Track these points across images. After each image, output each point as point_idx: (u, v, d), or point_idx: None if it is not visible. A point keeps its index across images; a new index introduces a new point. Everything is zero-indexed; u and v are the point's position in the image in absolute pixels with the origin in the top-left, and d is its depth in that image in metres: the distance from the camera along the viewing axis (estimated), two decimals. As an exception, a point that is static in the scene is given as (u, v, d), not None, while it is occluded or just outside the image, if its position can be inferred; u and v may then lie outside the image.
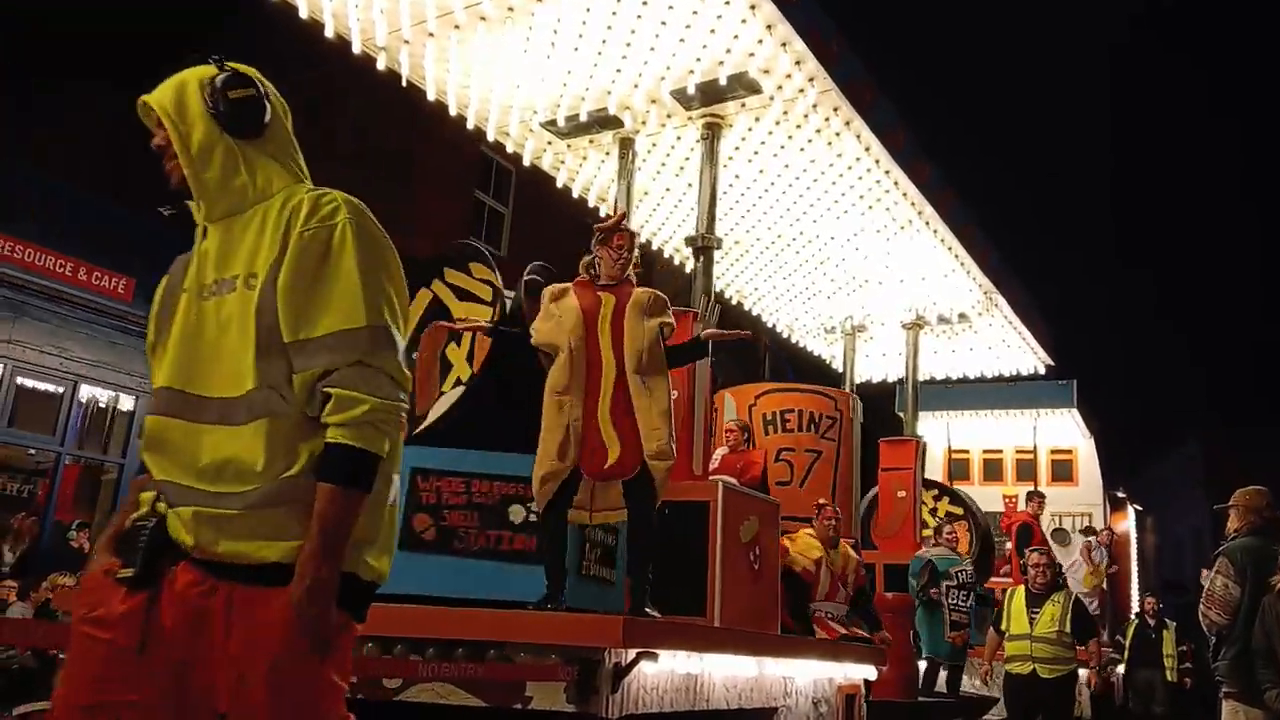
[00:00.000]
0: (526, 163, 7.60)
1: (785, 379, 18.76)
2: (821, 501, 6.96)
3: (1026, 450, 16.08)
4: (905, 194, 7.95)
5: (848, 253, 9.17)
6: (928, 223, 8.48)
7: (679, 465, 5.96)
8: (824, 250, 9.16)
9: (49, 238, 12.02)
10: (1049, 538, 14.50)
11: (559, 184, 7.93)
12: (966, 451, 17.08)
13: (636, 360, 4.19)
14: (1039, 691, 6.96)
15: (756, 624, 5.72)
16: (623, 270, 4.42)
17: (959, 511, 11.52)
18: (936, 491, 11.59)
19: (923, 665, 8.35)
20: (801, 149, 7.23)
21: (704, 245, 6.63)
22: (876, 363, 12.47)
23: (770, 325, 11.40)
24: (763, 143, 7.17)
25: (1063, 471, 16.70)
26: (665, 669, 3.62)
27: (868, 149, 7.20)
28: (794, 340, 11.85)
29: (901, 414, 15.99)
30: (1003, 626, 7.23)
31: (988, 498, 16.53)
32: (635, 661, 3.31)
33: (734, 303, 10.68)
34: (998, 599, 11.06)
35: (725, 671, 4.13)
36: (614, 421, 4.08)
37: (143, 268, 12.17)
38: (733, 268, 9.76)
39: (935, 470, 16.05)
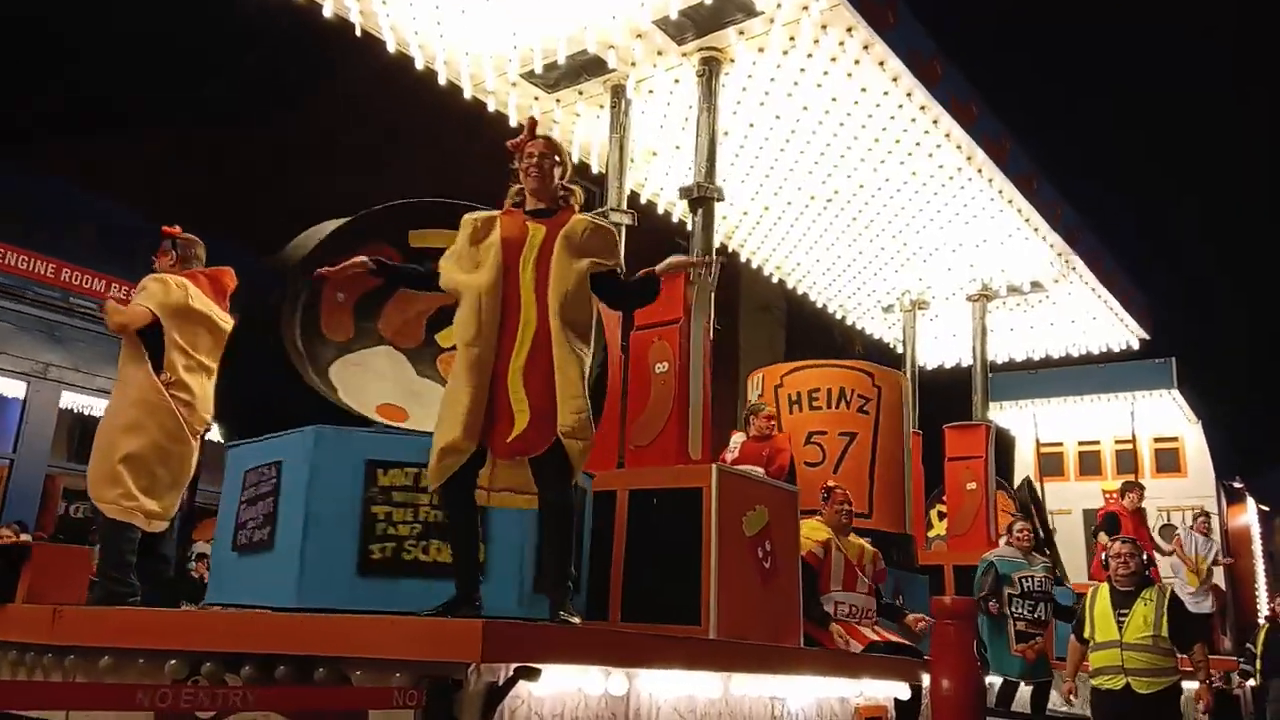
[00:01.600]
0: (514, 123, 6.81)
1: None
2: (832, 484, 5.97)
3: (1126, 440, 14.56)
4: (949, 135, 6.90)
5: (894, 213, 8.14)
6: (980, 170, 7.40)
7: (670, 450, 5.09)
8: (866, 211, 8.14)
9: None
10: (1156, 536, 13.05)
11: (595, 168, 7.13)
12: (1059, 445, 15.62)
13: (560, 306, 3.32)
14: (1135, 710, 5.79)
15: (770, 634, 4.78)
16: (544, 185, 3.56)
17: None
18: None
19: (996, 681, 7.22)
20: (818, 84, 6.27)
21: (702, 197, 5.74)
22: (946, 345, 11.29)
23: (821, 305, 10.37)
24: (772, 79, 6.24)
25: (1168, 462, 15.13)
26: (572, 689, 2.75)
27: (895, 80, 6.20)
28: (849, 321, 10.79)
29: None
30: (1085, 634, 6.08)
31: (1086, 494, 15.10)
32: (514, 680, 2.45)
33: (774, 280, 9.72)
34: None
35: (675, 692, 3.21)
36: (526, 383, 3.21)
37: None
38: (768, 239, 8.81)
39: (1025, 467, 14.68)
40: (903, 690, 4.78)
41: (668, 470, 4.93)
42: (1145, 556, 6.12)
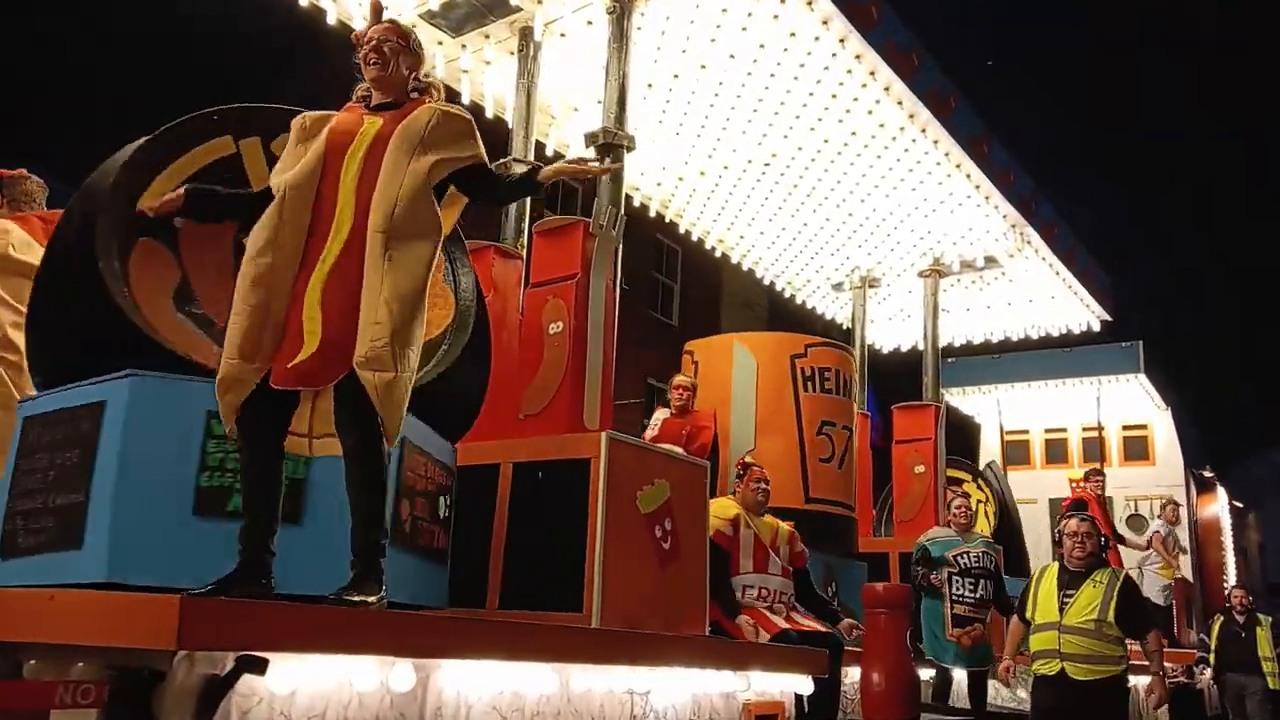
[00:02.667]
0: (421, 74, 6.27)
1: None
2: (748, 460, 5.50)
3: (1093, 427, 14.14)
4: (888, 89, 6.44)
5: (836, 178, 7.67)
6: (924, 130, 6.94)
7: (561, 418, 4.60)
8: (806, 177, 7.67)
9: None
10: (1124, 527, 12.66)
11: (465, 101, 6.61)
12: (1025, 432, 15.22)
13: (386, 213, 2.73)
14: (1072, 698, 5.34)
15: (668, 622, 4.29)
16: (386, 74, 2.98)
17: (983, 497, 9.86)
18: (965, 474, 9.90)
19: (926, 674, 6.77)
20: (743, 27, 5.79)
21: (610, 143, 5.24)
22: (902, 327, 10.85)
23: (769, 282, 9.91)
24: (692, 22, 5.76)
25: (1137, 449, 14.76)
26: (333, 684, 2.24)
27: (826, 23, 5.73)
28: (800, 300, 10.32)
29: (942, 390, 14.42)
30: (1028, 613, 5.62)
31: (1052, 483, 14.69)
32: (236, 673, 1.95)
33: (717, 254, 9.24)
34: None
35: (494, 688, 2.71)
36: (325, 301, 2.67)
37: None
38: (706, 209, 8.33)
39: (990, 456, 14.26)
40: (803, 684, 4.31)
41: (554, 440, 4.43)
42: (1104, 539, 5.65)
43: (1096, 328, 10.64)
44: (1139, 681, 7.13)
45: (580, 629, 3.15)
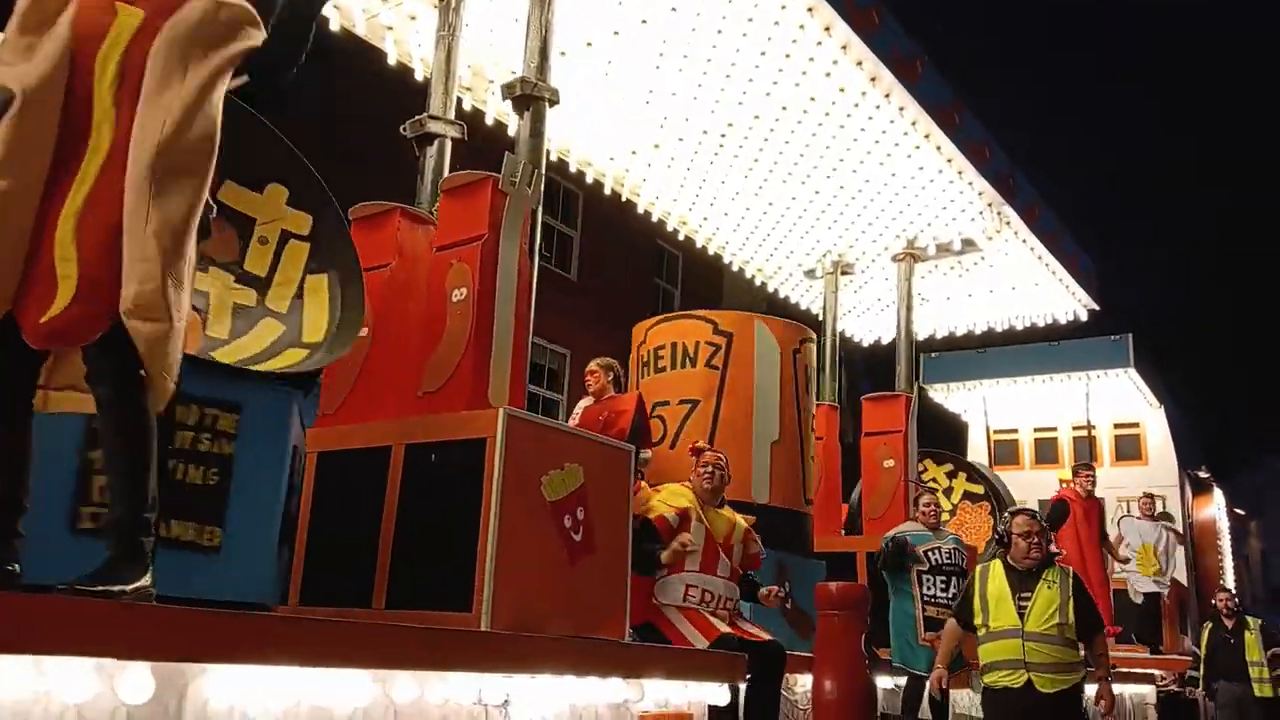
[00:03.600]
0: (335, 27, 5.80)
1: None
2: (700, 444, 5.00)
3: (1084, 426, 13.64)
4: (845, 47, 5.95)
5: (798, 151, 7.18)
6: (888, 96, 6.46)
7: (462, 394, 4.10)
8: (767, 149, 7.19)
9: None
10: (1117, 527, 12.09)
11: (391, 61, 6.12)
12: (1014, 431, 14.75)
13: (154, 130, 2.19)
14: (1037, 712, 4.82)
15: (579, 623, 3.80)
16: None
17: (979, 490, 9.33)
18: (951, 466, 9.39)
19: (889, 682, 6.26)
20: (682, -24, 5.31)
21: (528, 95, 4.75)
22: (880, 319, 10.36)
23: (737, 269, 9.42)
24: (625, -32, 5.28)
25: (1129, 448, 14.28)
26: (31, 694, 1.74)
27: (772, -31, 5.25)
28: (771, 288, 9.84)
29: (926, 386, 13.94)
30: (975, 620, 5.11)
31: (1042, 484, 14.16)
32: None
33: (681, 236, 8.75)
34: None
35: (287, 699, 2.21)
36: (79, 235, 2.17)
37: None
38: (665, 186, 7.84)
39: (978, 455, 13.75)
40: (716, 693, 3.80)
41: (449, 418, 3.93)
42: (1051, 537, 5.16)
43: (1084, 317, 10.14)
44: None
45: (402, 628, 2.65)
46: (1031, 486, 14.12)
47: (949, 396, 13.85)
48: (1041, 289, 9.60)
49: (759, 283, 9.71)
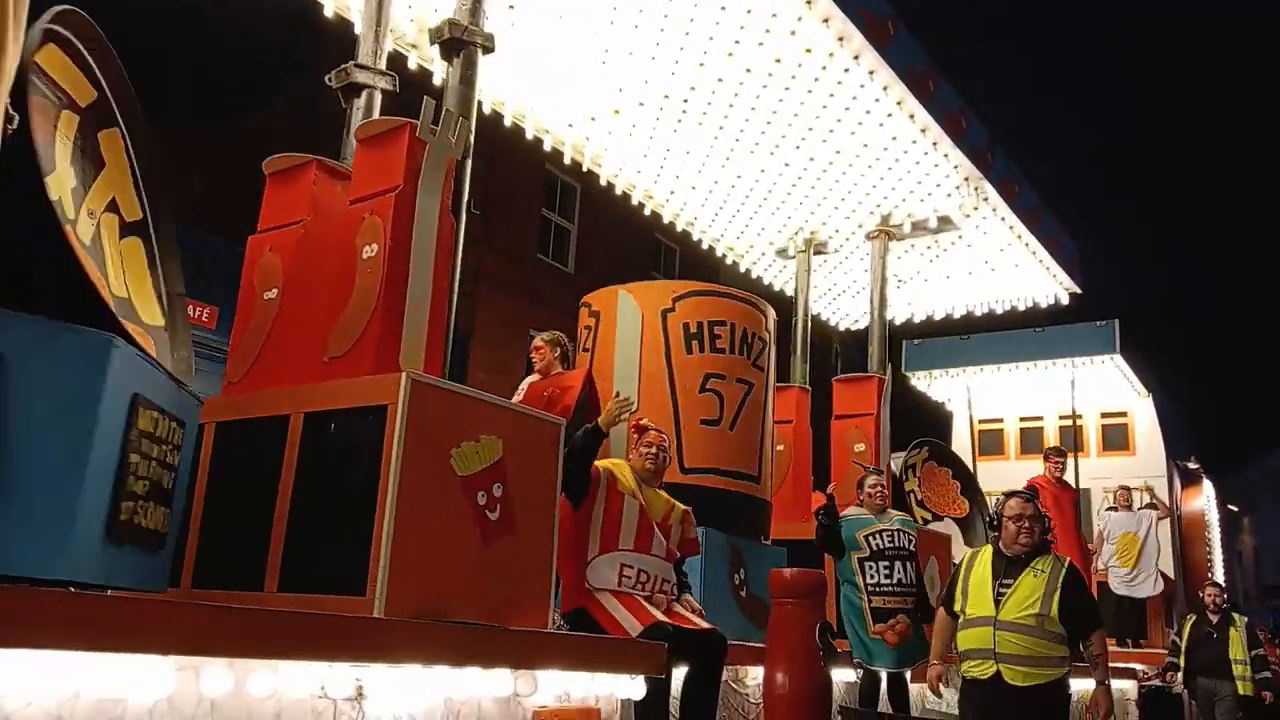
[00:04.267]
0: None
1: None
2: (645, 422, 4.66)
3: (1070, 415, 13.28)
4: (810, 3, 5.61)
5: (765, 118, 6.84)
6: (856, 58, 6.11)
7: (368, 359, 3.75)
8: (732, 116, 6.84)
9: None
10: (1098, 520, 11.78)
11: (328, 13, 5.75)
12: (999, 421, 14.41)
13: None
14: (1008, 705, 4.51)
15: (493, 612, 3.46)
16: None
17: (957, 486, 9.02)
18: (927, 453, 9.05)
19: (852, 675, 5.94)
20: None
21: (457, 40, 4.40)
22: (857, 302, 10.02)
23: (707, 247, 9.08)
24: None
25: (1116, 438, 13.95)
26: None
27: (726, -87, 4.90)
28: (743, 269, 9.49)
29: (908, 374, 13.61)
30: (956, 606, 4.81)
31: (1027, 475, 13.80)
32: None
33: (647, 211, 8.40)
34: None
35: (64, 689, 1.87)
36: None
37: (225, 297, 10.92)
38: (628, 156, 7.49)
39: (961, 447, 13.40)
40: (633, 687, 3.47)
41: (349, 384, 3.59)
42: (1048, 522, 4.81)
43: (1065, 300, 9.82)
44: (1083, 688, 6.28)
45: (210, 607, 2.31)
46: (1016, 477, 13.75)
47: (931, 384, 13.51)
48: (1022, 271, 9.28)
49: (730, 261, 9.37)
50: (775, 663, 4.94)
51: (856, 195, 7.89)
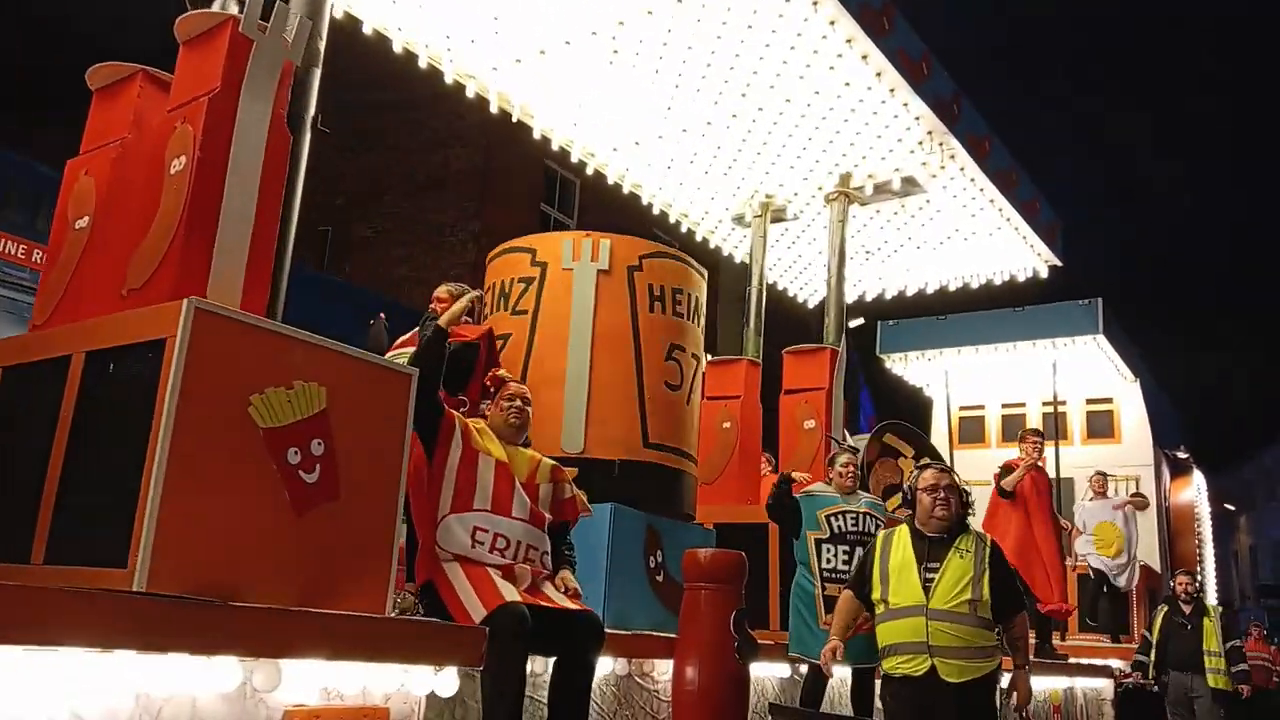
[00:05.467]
0: None
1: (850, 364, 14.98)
2: (503, 373, 4.06)
3: (1053, 401, 12.68)
4: (739, -83, 5.01)
5: (704, 60, 6.23)
6: (800, -13, 5.51)
7: (165, 286, 3.15)
8: (668, 58, 6.23)
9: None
10: (1078, 510, 11.15)
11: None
12: (979, 408, 13.82)
13: None
14: (943, 706, 3.92)
15: (308, 591, 2.88)
16: None
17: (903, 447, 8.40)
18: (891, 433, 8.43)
19: (787, 670, 5.35)
20: None
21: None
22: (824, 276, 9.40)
23: (659, 212, 8.47)
24: None
25: (1101, 425, 13.36)
26: None
27: None
28: (699, 237, 8.89)
29: (883, 356, 13.02)
30: (873, 594, 4.20)
31: (1009, 463, 13.25)
32: None
33: (589, 169, 7.79)
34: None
35: None
36: None
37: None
38: (562, 107, 6.88)
39: (940, 437, 12.81)
40: (434, 680, 2.87)
41: (130, 317, 3.00)
42: (966, 495, 4.22)
43: (1044, 273, 9.21)
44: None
45: None
46: (998, 466, 13.23)
47: (907, 367, 12.91)
48: (997, 241, 8.67)
49: (685, 229, 8.77)
50: (685, 655, 4.35)
51: (812, 153, 7.29)
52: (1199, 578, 9.08)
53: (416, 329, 4.83)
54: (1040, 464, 8.27)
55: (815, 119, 6.82)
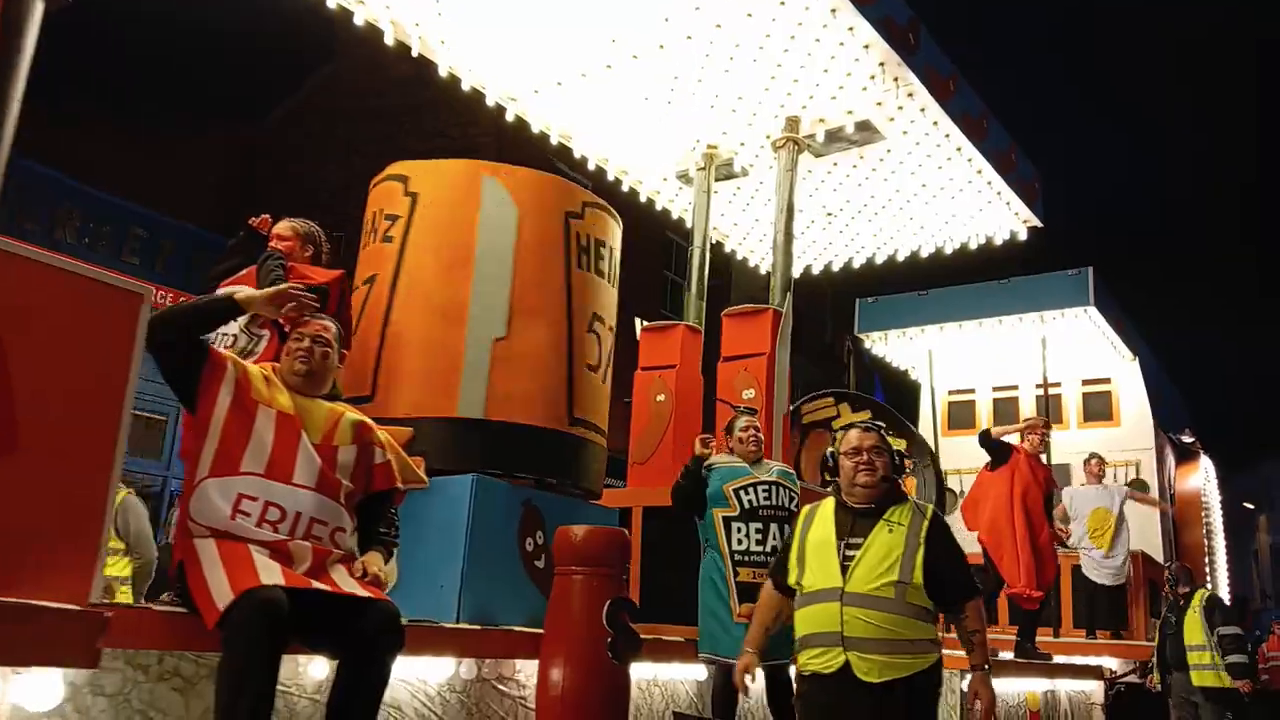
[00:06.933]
0: None
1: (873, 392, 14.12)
2: (291, 286, 3.29)
3: (1051, 384, 11.85)
4: None
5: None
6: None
7: None
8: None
9: (155, 272, 11.69)
10: (1066, 498, 10.28)
11: None
12: (969, 392, 12.98)
13: None
14: (860, 709, 3.16)
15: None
16: None
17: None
18: (831, 399, 7.60)
19: (700, 671, 4.59)
20: None
21: None
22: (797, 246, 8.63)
23: (594, 167, 7.71)
24: None
25: (1100, 408, 12.51)
26: None
27: None
28: (644, 197, 8.14)
29: (862, 336, 12.22)
30: (791, 577, 3.45)
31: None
32: None
33: (510, 116, 7.03)
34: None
35: None
36: None
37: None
38: (472, 43, 6.14)
39: (925, 426, 12.00)
40: (29, 690, 2.12)
41: None
42: (897, 457, 3.44)
43: (1023, 235, 8.38)
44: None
45: None
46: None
47: (888, 348, 12.08)
48: (970, 198, 7.86)
49: (627, 187, 8.00)
50: (551, 654, 3.61)
51: (753, 93, 6.52)
52: (1174, 569, 8.24)
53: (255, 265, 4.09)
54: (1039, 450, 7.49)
55: (751, 49, 6.06)
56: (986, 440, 7.45)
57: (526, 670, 3.76)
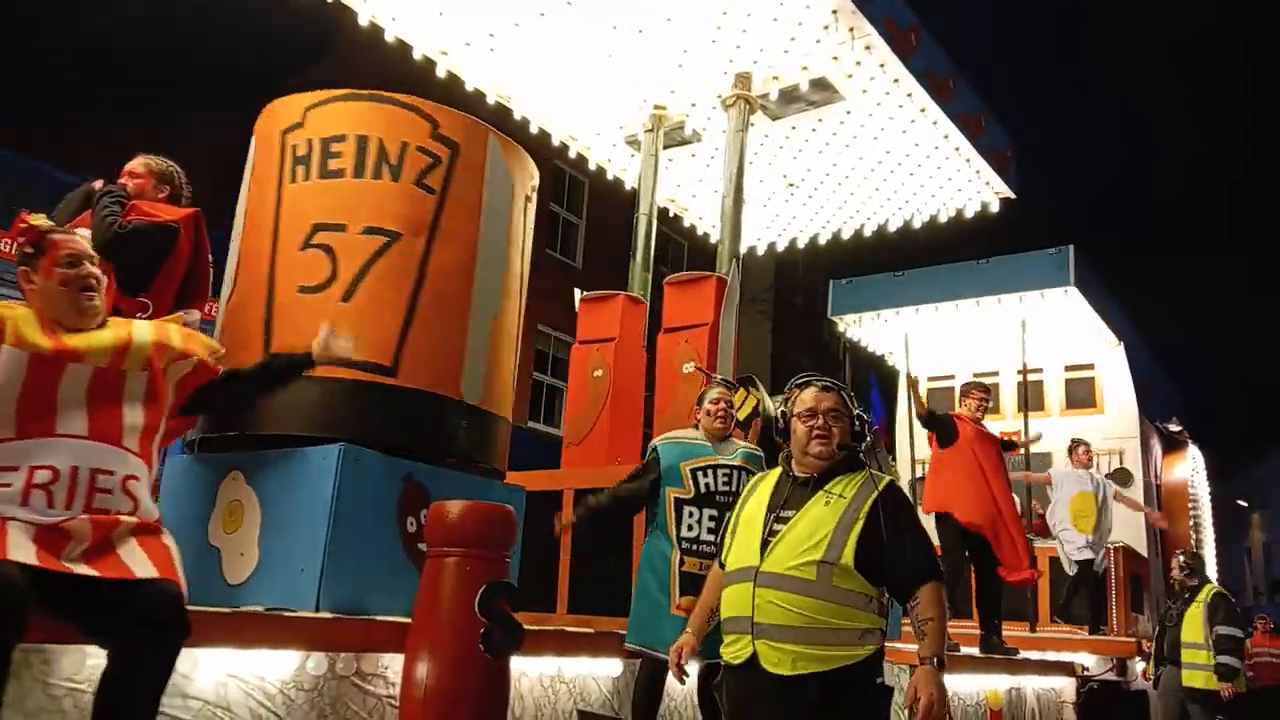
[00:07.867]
0: None
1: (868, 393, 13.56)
2: (35, 221, 2.74)
3: (1033, 370, 11.41)
4: None
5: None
6: None
7: None
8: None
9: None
10: (1052, 493, 9.79)
11: None
12: (949, 378, 12.52)
13: None
14: (770, 705, 2.70)
15: None
16: None
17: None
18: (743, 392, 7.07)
19: (617, 666, 4.13)
20: None
21: None
22: (759, 218, 8.20)
23: (536, 130, 7.24)
24: None
25: (1082, 394, 12.07)
26: None
27: None
28: (593, 164, 7.69)
29: (835, 319, 11.78)
30: (724, 553, 2.98)
31: (983, 439, 11.98)
32: None
33: (441, 70, 6.57)
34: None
35: None
36: None
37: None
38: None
39: (903, 413, 11.54)
40: None
41: None
42: (862, 423, 2.96)
43: (995, 207, 7.94)
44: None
45: None
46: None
47: (863, 331, 11.64)
48: (937, 165, 7.41)
49: (574, 154, 7.55)
50: (416, 647, 3.15)
51: (699, 45, 6.07)
52: (1186, 558, 7.77)
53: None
54: (980, 420, 6.91)
55: (696, 7, 5.60)
56: (926, 420, 6.80)
57: (395, 666, 3.30)
